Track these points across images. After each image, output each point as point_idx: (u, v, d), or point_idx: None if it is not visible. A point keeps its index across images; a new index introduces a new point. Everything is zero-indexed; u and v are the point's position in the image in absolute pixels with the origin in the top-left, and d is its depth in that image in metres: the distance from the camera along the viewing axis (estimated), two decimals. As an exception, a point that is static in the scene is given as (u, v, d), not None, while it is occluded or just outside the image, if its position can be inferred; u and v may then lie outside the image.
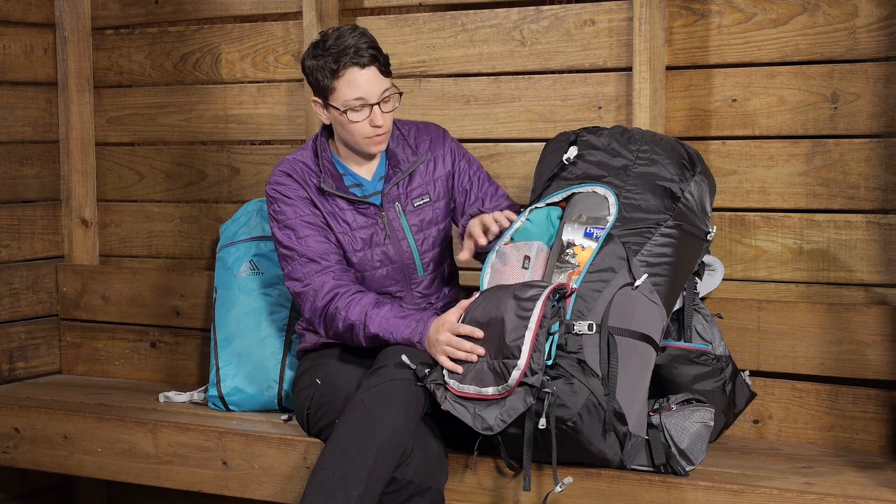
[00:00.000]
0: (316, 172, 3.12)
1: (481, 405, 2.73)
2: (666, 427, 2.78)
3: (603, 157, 3.02)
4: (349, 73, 3.00)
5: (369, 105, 3.02)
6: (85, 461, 3.46)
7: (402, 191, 3.14)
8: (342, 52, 2.99)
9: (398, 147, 3.16)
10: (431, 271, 3.16)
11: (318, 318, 3.06)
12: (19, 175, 4.05)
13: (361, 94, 3.01)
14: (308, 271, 3.05)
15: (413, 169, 3.15)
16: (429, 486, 2.84)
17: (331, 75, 3.01)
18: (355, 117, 3.03)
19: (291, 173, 3.12)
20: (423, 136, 3.21)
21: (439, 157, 3.19)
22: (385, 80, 3.04)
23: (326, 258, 3.06)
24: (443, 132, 3.25)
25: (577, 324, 2.73)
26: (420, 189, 3.16)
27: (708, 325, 3.04)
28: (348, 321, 3.00)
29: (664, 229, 2.92)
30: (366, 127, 3.04)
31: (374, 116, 3.03)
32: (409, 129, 3.21)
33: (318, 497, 2.75)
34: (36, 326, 4.12)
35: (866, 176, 3.11)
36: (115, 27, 4.13)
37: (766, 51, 3.20)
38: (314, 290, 3.04)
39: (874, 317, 3.02)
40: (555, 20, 3.45)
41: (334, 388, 3.00)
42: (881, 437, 3.05)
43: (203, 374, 3.91)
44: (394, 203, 3.13)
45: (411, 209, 3.14)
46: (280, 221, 3.11)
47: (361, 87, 3.00)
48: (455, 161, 3.20)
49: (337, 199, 3.11)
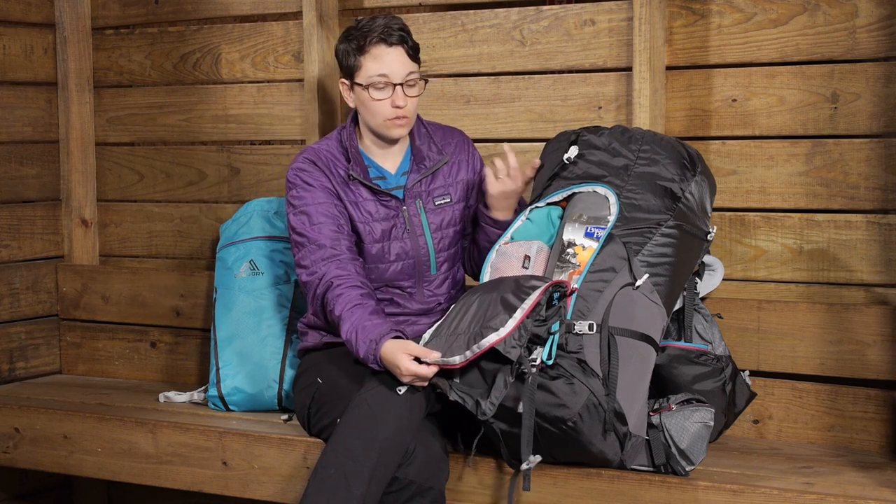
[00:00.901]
0: (342, 161, 3.12)
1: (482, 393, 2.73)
2: (666, 427, 2.78)
3: (604, 156, 3.02)
4: (375, 48, 3.02)
5: (392, 84, 3.03)
6: (85, 461, 3.46)
7: (424, 188, 3.15)
8: (371, 31, 3.03)
9: (423, 144, 3.16)
10: (444, 271, 3.17)
11: (318, 307, 3.05)
12: (19, 175, 4.05)
13: (386, 72, 3.02)
14: (316, 258, 3.03)
15: (438, 168, 3.16)
16: (430, 486, 2.84)
17: (358, 52, 3.03)
18: (378, 95, 3.03)
19: (316, 161, 3.11)
20: (449, 139, 3.22)
21: (463, 162, 3.20)
22: (411, 64, 3.06)
23: (336, 246, 3.04)
24: (468, 139, 3.26)
25: (577, 323, 2.73)
26: (442, 189, 3.16)
27: (708, 325, 3.04)
28: (334, 315, 2.98)
29: (665, 229, 2.93)
30: (387, 107, 3.04)
31: (396, 96, 3.03)
32: (435, 130, 3.22)
33: (320, 495, 2.75)
34: (36, 326, 4.12)
35: (866, 176, 3.11)
36: (115, 27, 4.13)
37: (766, 51, 3.20)
38: (318, 277, 3.02)
39: (874, 317, 3.02)
40: (555, 20, 3.45)
41: (336, 387, 3.00)
42: (881, 437, 3.05)
43: (203, 374, 3.91)
44: (415, 199, 3.13)
45: (432, 207, 3.14)
46: (296, 207, 3.09)
47: (386, 65, 3.02)
48: (479, 171, 3.21)
49: (361, 188, 3.11)
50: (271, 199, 3.66)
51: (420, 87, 3.08)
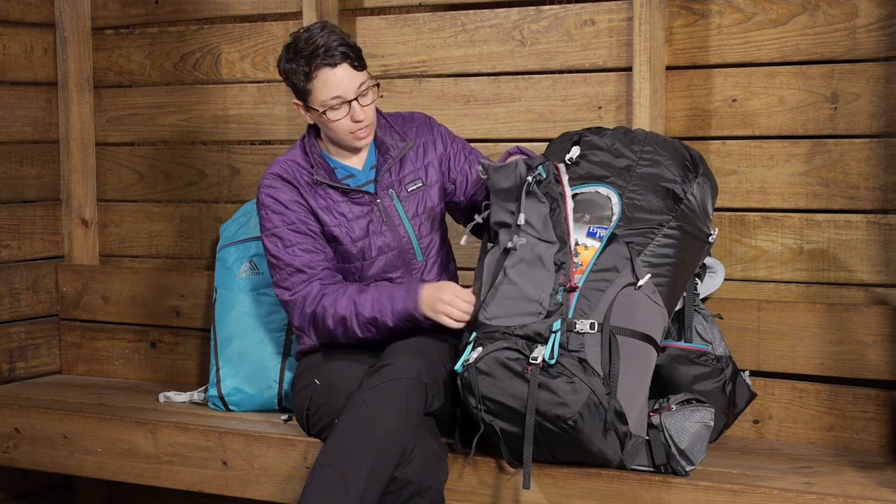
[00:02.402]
0: (307, 168, 3.12)
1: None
2: (666, 427, 2.78)
3: (606, 157, 3.02)
4: (322, 73, 3.00)
5: (347, 101, 3.02)
6: (85, 461, 3.46)
7: (394, 177, 3.15)
8: (313, 55, 2.99)
9: (385, 135, 3.17)
10: (433, 255, 3.17)
11: (307, 325, 3.08)
12: (19, 175, 4.05)
13: (338, 93, 3.01)
14: (295, 281, 3.07)
15: (403, 154, 3.16)
16: (429, 486, 2.84)
17: (305, 78, 3.02)
18: (335, 115, 3.03)
19: (282, 174, 3.12)
20: (410, 124, 3.22)
21: (429, 143, 3.20)
22: (360, 74, 3.03)
23: (313, 267, 3.07)
24: (429, 119, 3.26)
25: (579, 322, 2.73)
26: (412, 175, 3.16)
27: (708, 326, 3.04)
28: (338, 315, 3.01)
29: (667, 230, 2.93)
30: (347, 123, 3.05)
31: (353, 112, 3.03)
32: (395, 119, 3.23)
33: (318, 495, 2.75)
34: (36, 326, 4.12)
35: (866, 176, 3.11)
36: (115, 27, 4.13)
37: (766, 51, 3.20)
38: (302, 297, 3.06)
39: (874, 317, 3.03)
40: (555, 20, 3.45)
41: (333, 388, 3.00)
42: (881, 437, 3.05)
43: (203, 374, 3.91)
44: (387, 190, 3.13)
45: (405, 195, 3.14)
46: (268, 230, 3.12)
47: (337, 86, 3.01)
48: (447, 145, 3.21)
49: (331, 191, 3.11)
50: (271, 199, 3.66)
51: (374, 94, 3.07)
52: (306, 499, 2.77)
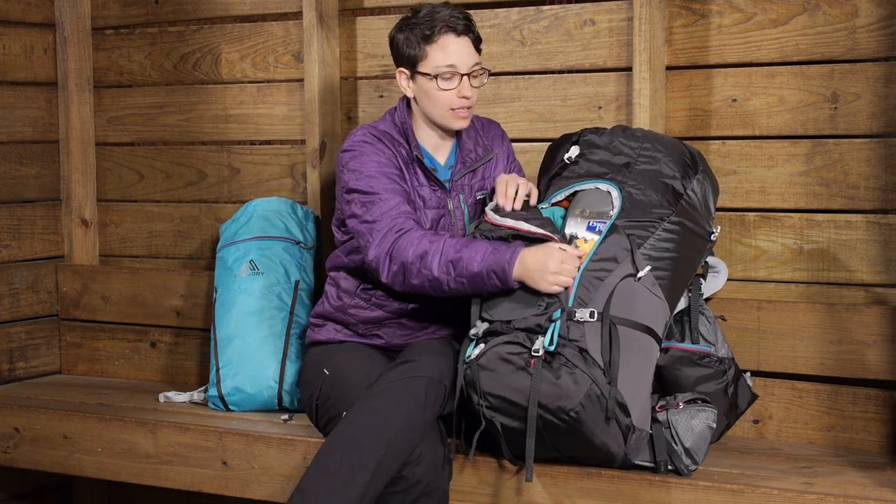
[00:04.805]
0: (402, 142, 3.06)
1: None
2: (673, 424, 2.78)
3: (605, 155, 3.02)
4: (443, 38, 2.98)
5: (459, 75, 3.00)
6: (85, 461, 3.47)
7: (468, 182, 3.13)
8: (437, 20, 2.97)
9: (470, 139, 3.14)
10: None
11: (383, 255, 2.90)
12: (19, 175, 4.05)
13: (454, 62, 2.98)
14: (388, 207, 2.93)
15: (483, 164, 3.14)
16: (437, 486, 2.84)
17: (423, 41, 2.98)
18: (445, 85, 2.99)
19: (380, 136, 3.05)
20: (488, 132, 3.20)
21: (500, 155, 3.19)
22: (476, 55, 3.03)
23: (408, 205, 2.96)
24: (503, 132, 3.25)
25: (578, 311, 2.73)
26: (481, 183, 3.15)
27: (711, 328, 3.04)
28: (420, 249, 2.86)
29: (667, 224, 2.92)
30: (453, 98, 3.01)
31: (462, 87, 3.00)
32: (480, 121, 3.21)
33: (322, 477, 2.74)
34: (36, 326, 4.12)
35: (866, 176, 3.11)
36: (115, 27, 4.13)
37: (766, 51, 3.20)
38: (392, 218, 2.91)
39: (874, 317, 3.03)
40: (555, 20, 3.45)
41: (344, 381, 2.98)
42: (881, 437, 3.05)
43: (203, 374, 3.91)
44: (459, 193, 3.11)
45: (472, 202, 3.13)
46: (360, 171, 2.98)
47: (454, 55, 2.98)
48: (506, 164, 3.20)
49: (419, 172, 3.07)
50: (271, 199, 3.66)
51: (483, 78, 3.05)
52: (308, 480, 2.75)
